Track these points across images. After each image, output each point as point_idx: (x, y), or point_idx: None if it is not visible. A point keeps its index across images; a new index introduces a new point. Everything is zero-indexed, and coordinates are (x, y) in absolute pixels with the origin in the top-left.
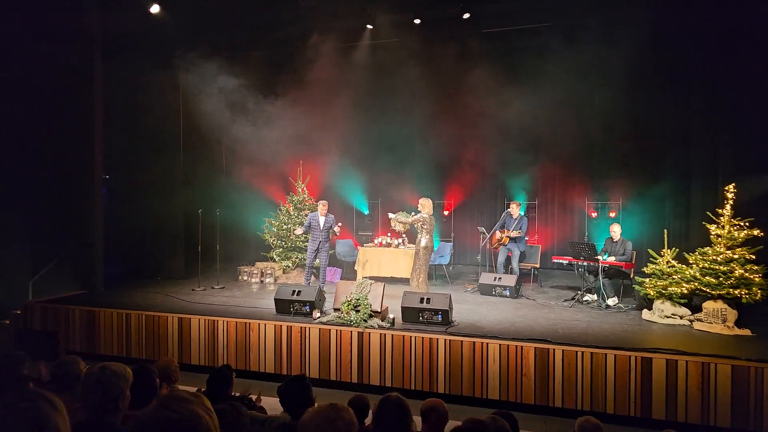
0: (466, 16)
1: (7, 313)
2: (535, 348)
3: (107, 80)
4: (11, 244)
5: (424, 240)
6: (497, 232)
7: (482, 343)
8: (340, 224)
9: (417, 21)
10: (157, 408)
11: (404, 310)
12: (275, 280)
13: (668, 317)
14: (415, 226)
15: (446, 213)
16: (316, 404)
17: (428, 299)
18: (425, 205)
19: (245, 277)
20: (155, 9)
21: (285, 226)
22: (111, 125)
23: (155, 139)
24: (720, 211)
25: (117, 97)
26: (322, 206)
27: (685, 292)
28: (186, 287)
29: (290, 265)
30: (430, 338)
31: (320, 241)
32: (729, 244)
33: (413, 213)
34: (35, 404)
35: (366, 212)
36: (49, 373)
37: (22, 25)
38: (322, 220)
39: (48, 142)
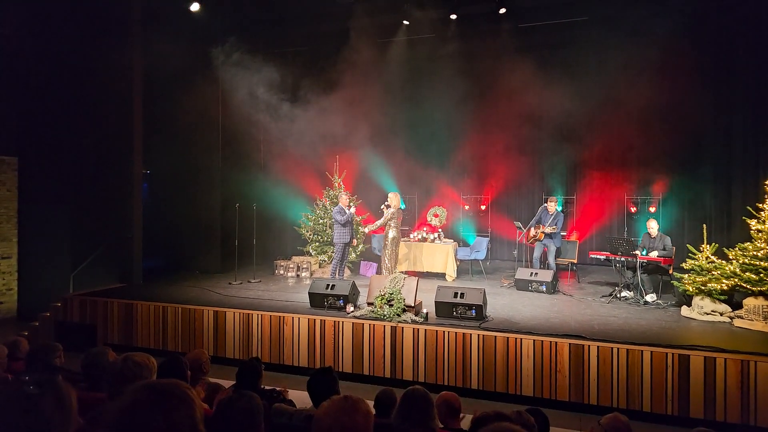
0: (503, 11)
1: (48, 305)
2: (570, 344)
3: (146, 77)
4: (53, 238)
5: (392, 232)
6: (532, 227)
7: (516, 338)
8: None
9: (453, 16)
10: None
11: (438, 304)
12: (311, 274)
13: (708, 314)
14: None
15: (483, 207)
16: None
17: (462, 294)
18: (393, 199)
19: (281, 271)
20: (195, 7)
21: (321, 221)
22: (151, 121)
23: (194, 134)
24: (760, 205)
25: (156, 93)
26: (347, 197)
27: (725, 288)
28: (223, 281)
29: (326, 259)
30: (463, 333)
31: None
32: None
33: (383, 207)
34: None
35: (402, 206)
36: (81, 364)
37: (63, 22)
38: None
39: (89, 138)
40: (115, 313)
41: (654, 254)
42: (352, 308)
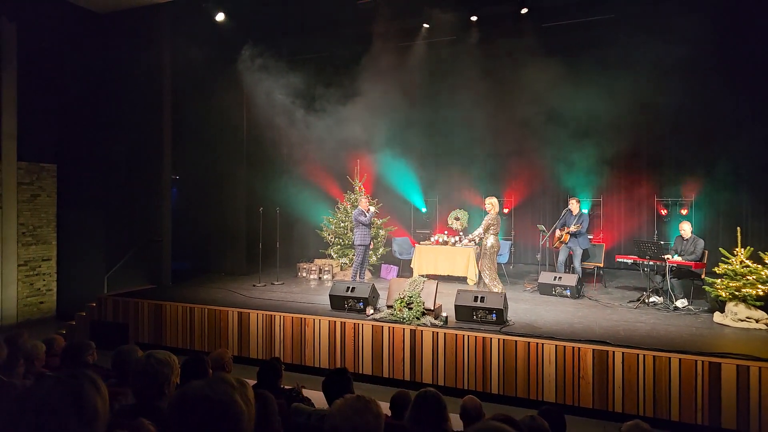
0: (525, 11)
1: (84, 305)
2: (594, 350)
3: (174, 86)
4: (89, 241)
5: (491, 239)
6: (557, 230)
7: (537, 343)
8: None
9: (474, 18)
10: (200, 385)
11: (457, 308)
12: (333, 277)
13: (742, 321)
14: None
15: (506, 211)
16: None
17: (482, 298)
18: (494, 205)
19: (304, 274)
20: (220, 17)
21: (342, 224)
22: (179, 128)
23: (220, 140)
24: None
25: (184, 101)
26: (367, 200)
27: (761, 294)
28: (247, 283)
29: (347, 262)
30: (483, 337)
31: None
32: None
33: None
34: (80, 383)
35: (423, 210)
36: (110, 361)
37: (96, 36)
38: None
39: (122, 146)
40: (146, 313)
41: (680, 258)
42: (371, 311)
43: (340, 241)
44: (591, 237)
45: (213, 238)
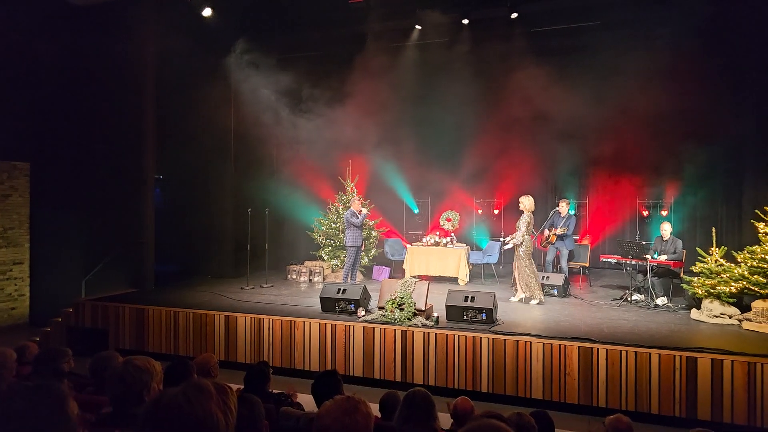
0: (514, 15)
1: (60, 310)
2: (579, 347)
3: (159, 83)
4: (65, 243)
5: (526, 242)
6: (545, 230)
7: (525, 342)
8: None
9: (465, 21)
10: (175, 394)
11: (448, 308)
12: (324, 279)
13: (717, 317)
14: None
15: (496, 212)
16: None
17: (473, 298)
18: (524, 203)
19: (294, 276)
20: (207, 12)
21: (334, 225)
22: (164, 127)
23: (206, 139)
24: None
25: (169, 99)
26: (359, 201)
27: (734, 291)
28: (235, 286)
29: (339, 263)
30: (473, 337)
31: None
32: None
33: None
34: (46, 394)
35: (416, 211)
36: (88, 368)
37: (74, 27)
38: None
39: (101, 143)
40: (126, 318)
41: (663, 257)
42: (363, 312)
43: (332, 242)
44: (576, 238)
45: (199, 239)
